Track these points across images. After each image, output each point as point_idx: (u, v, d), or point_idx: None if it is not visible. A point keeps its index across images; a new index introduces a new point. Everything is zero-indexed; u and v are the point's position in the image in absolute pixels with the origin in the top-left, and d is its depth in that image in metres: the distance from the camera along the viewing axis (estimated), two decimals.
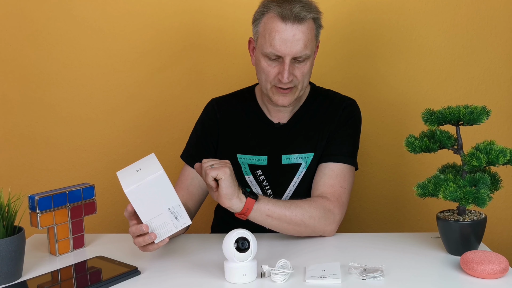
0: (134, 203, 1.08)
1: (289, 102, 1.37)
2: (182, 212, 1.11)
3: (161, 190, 1.08)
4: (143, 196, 1.07)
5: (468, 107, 1.16)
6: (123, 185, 1.07)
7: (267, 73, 1.35)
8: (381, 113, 1.85)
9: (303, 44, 1.30)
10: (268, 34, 1.31)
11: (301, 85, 1.37)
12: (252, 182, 1.45)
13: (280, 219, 1.26)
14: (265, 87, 1.38)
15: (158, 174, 1.07)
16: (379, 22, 1.81)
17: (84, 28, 1.88)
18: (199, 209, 1.52)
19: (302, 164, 1.43)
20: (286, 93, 1.36)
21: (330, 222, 1.31)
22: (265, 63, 1.34)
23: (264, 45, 1.33)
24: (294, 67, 1.33)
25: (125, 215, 1.14)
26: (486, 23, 1.79)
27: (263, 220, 1.25)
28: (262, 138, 1.46)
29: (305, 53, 1.31)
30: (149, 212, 1.09)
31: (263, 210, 1.24)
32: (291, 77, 1.33)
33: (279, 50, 1.30)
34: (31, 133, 1.94)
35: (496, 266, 1.05)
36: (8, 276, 1.09)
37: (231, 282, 1.06)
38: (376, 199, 1.91)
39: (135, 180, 1.07)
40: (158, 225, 1.11)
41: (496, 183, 1.18)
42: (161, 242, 1.13)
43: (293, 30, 1.29)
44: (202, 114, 1.54)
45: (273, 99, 1.38)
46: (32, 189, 1.88)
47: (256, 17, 1.37)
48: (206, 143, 1.49)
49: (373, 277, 1.06)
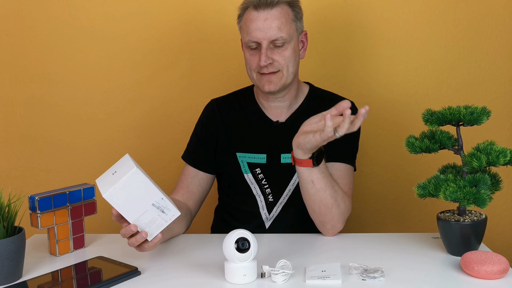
0: (115, 206, 1.07)
1: (275, 87, 1.39)
2: (167, 205, 1.10)
3: (139, 188, 1.07)
4: (122, 197, 1.07)
5: (468, 108, 1.16)
6: (101, 190, 1.07)
7: (250, 62, 1.40)
8: (381, 114, 1.85)
9: (276, 27, 1.34)
10: (245, 25, 1.38)
11: (286, 70, 1.39)
12: (251, 180, 1.46)
13: (319, 192, 1.25)
14: (251, 77, 1.42)
15: (131, 172, 1.06)
16: (379, 22, 1.81)
17: (84, 29, 1.88)
18: (199, 208, 1.52)
19: None
20: (270, 77, 1.38)
21: (343, 220, 1.33)
22: (248, 53, 1.40)
23: (244, 37, 1.40)
24: (273, 51, 1.37)
25: (113, 219, 1.13)
26: (486, 23, 1.79)
27: (305, 182, 1.25)
28: (261, 136, 1.47)
29: (280, 35, 1.35)
30: (133, 211, 1.09)
31: (313, 174, 1.23)
32: (270, 60, 1.36)
33: (254, 36, 1.35)
34: (32, 134, 1.94)
35: (497, 266, 1.05)
36: (8, 276, 1.09)
37: (231, 282, 1.06)
38: (376, 199, 1.91)
39: (111, 183, 1.06)
40: (146, 222, 1.10)
41: (496, 183, 1.18)
42: (155, 239, 1.13)
43: (265, 14, 1.35)
44: (202, 114, 1.55)
45: (260, 85, 1.41)
46: (32, 189, 1.88)
47: (239, 15, 1.44)
48: (206, 143, 1.50)
49: (374, 277, 1.06)
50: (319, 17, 1.82)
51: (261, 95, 1.47)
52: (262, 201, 1.46)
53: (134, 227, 1.10)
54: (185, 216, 1.40)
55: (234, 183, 1.49)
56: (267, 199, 1.46)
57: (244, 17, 1.40)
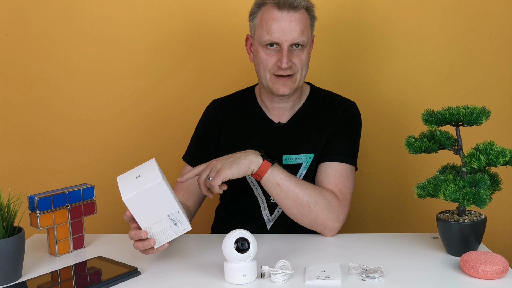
0: (132, 211, 1.07)
1: (289, 90, 1.39)
2: (182, 219, 1.11)
3: (160, 198, 1.07)
4: (141, 203, 1.06)
5: (468, 108, 1.16)
6: (121, 192, 1.06)
7: (265, 62, 1.38)
8: (381, 114, 1.85)
9: (299, 30, 1.34)
10: (265, 23, 1.35)
11: (300, 73, 1.39)
12: (252, 182, 1.46)
13: (288, 193, 1.28)
14: (264, 78, 1.40)
15: (156, 182, 1.05)
16: (379, 23, 1.81)
17: (83, 30, 1.88)
18: (199, 208, 1.52)
19: (302, 164, 1.44)
20: (286, 81, 1.38)
21: (334, 218, 1.31)
22: (263, 53, 1.38)
23: (262, 35, 1.36)
24: (293, 54, 1.36)
25: (124, 219, 1.14)
26: (486, 23, 1.79)
27: (272, 187, 1.28)
28: (262, 137, 1.47)
29: (302, 39, 1.35)
30: (148, 219, 1.09)
31: (276, 177, 1.26)
32: (290, 63, 1.35)
33: (277, 37, 1.34)
34: (31, 134, 1.94)
35: (496, 266, 1.05)
36: (8, 276, 1.09)
37: (231, 282, 1.06)
38: (376, 199, 1.91)
39: (133, 188, 1.06)
40: (157, 231, 1.10)
41: (496, 183, 1.18)
42: (161, 247, 1.13)
43: (289, 16, 1.34)
44: (203, 115, 1.55)
45: (274, 88, 1.39)
46: (32, 189, 1.88)
47: (252, 11, 1.42)
48: (207, 144, 1.50)
49: (373, 277, 1.06)
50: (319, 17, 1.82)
51: (266, 95, 1.47)
52: (264, 202, 1.46)
53: (145, 233, 1.10)
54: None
55: (235, 184, 1.49)
56: (269, 200, 1.45)
57: (263, 15, 1.37)
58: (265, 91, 1.45)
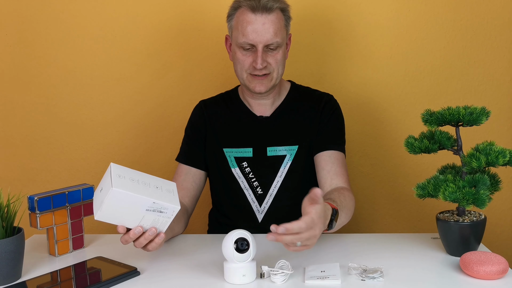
0: (111, 222, 1.07)
1: (266, 88, 1.44)
2: (163, 204, 1.08)
3: (126, 201, 1.05)
4: (112, 214, 1.06)
5: (467, 108, 1.16)
6: (94, 212, 1.07)
7: (242, 63, 1.43)
8: (381, 114, 1.85)
9: (273, 32, 1.39)
10: (241, 25, 1.40)
11: (276, 72, 1.44)
12: (238, 174, 1.49)
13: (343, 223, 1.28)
14: (241, 77, 1.46)
15: (110, 192, 1.02)
16: (378, 23, 1.81)
17: (82, 31, 1.88)
18: (195, 205, 1.53)
19: (286, 156, 1.49)
20: (262, 79, 1.43)
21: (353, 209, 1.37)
22: (240, 53, 1.43)
23: (238, 37, 1.42)
24: (267, 54, 1.41)
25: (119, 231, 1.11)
26: (486, 23, 1.79)
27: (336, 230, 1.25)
28: (246, 131, 1.52)
29: (276, 40, 1.39)
30: (131, 221, 1.08)
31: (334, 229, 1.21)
32: (265, 63, 1.41)
33: (251, 39, 1.39)
34: (31, 134, 1.94)
35: (496, 267, 1.05)
36: (8, 276, 1.09)
37: (231, 282, 1.06)
38: (376, 199, 1.90)
39: (98, 204, 1.05)
40: (149, 224, 1.10)
41: (495, 184, 1.18)
42: (159, 239, 1.12)
43: (263, 19, 1.38)
44: (191, 114, 1.60)
45: (250, 86, 1.45)
46: (31, 189, 1.88)
47: (229, 13, 1.46)
48: (196, 140, 1.55)
49: (373, 277, 1.06)
50: (318, 17, 1.82)
51: (246, 92, 1.52)
52: (251, 194, 1.49)
53: (139, 229, 1.09)
54: (183, 215, 1.41)
55: (222, 179, 1.53)
56: (256, 192, 1.49)
57: (238, 17, 1.42)
58: (245, 88, 1.50)
